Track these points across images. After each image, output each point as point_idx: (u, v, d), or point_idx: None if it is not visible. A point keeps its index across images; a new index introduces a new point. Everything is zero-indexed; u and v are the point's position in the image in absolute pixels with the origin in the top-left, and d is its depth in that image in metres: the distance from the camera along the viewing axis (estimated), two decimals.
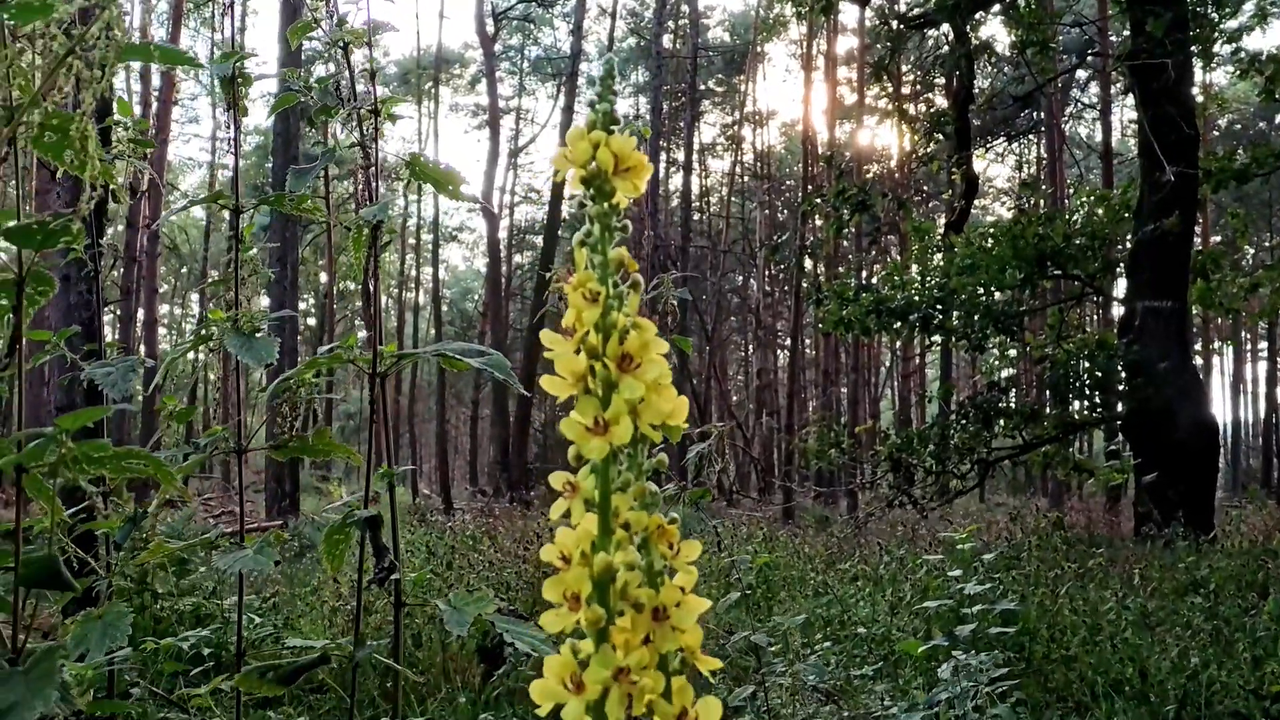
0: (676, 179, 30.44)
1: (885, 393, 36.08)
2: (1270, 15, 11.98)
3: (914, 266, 13.54)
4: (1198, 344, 26.06)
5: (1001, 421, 11.59)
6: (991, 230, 12.94)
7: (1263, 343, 38.10)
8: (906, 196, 18.72)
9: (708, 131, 36.24)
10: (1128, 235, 11.70)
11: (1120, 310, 12.16)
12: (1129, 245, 11.57)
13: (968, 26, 12.84)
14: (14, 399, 1.24)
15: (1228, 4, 11.34)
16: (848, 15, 26.20)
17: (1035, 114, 25.30)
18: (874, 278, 21.62)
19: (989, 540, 7.89)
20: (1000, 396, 12.11)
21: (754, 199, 34.59)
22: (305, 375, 1.81)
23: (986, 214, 33.02)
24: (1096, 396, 11.34)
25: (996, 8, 12.99)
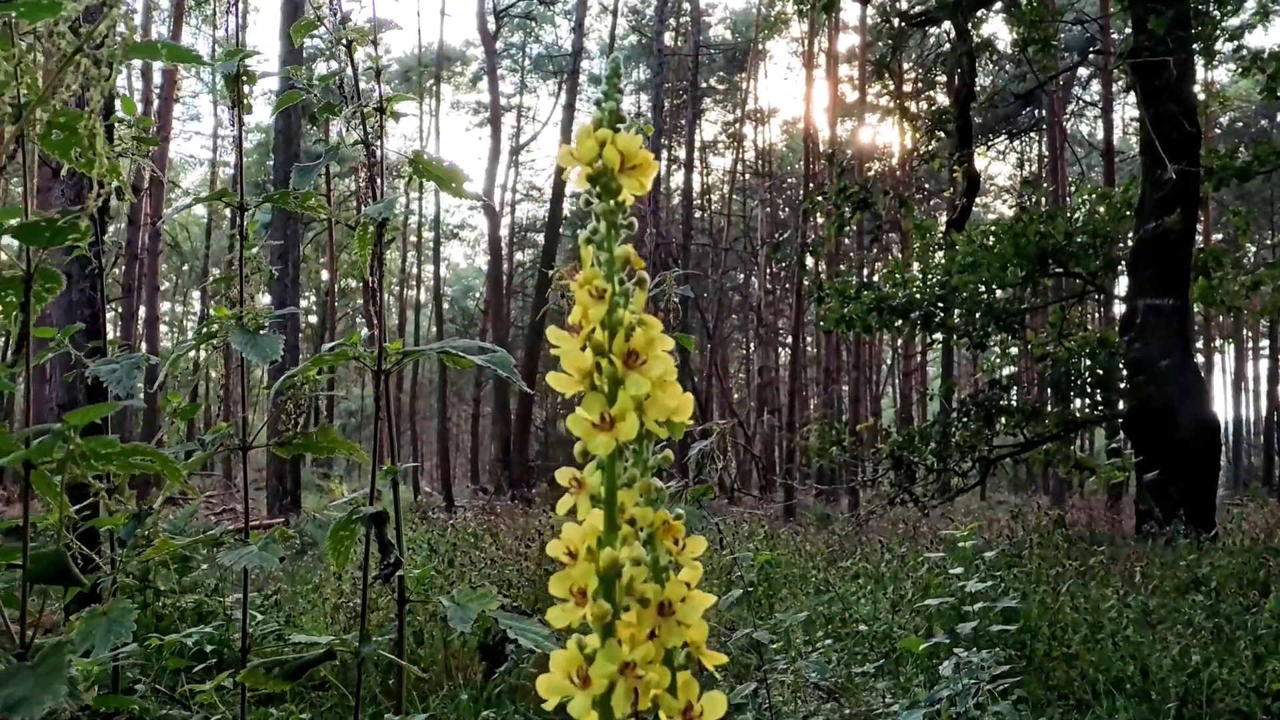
0: (678, 177, 30.42)
1: (887, 390, 36.05)
2: (1272, 13, 11.95)
3: (915, 264, 13.53)
4: (1199, 342, 26.07)
5: (1003, 419, 11.59)
6: (993, 228, 12.94)
7: (1264, 340, 38.09)
8: (908, 194, 18.73)
9: (709, 129, 36.24)
10: (1129, 233, 11.68)
11: (1122, 308, 12.15)
12: (1130, 243, 11.56)
13: (969, 24, 12.84)
14: (22, 395, 1.25)
15: (1229, 2, 11.31)
16: (849, 13, 26.19)
17: (1037, 112, 25.26)
18: (875, 275, 21.61)
19: (990, 538, 7.90)
20: (1002, 394, 12.11)
21: (755, 197, 34.59)
22: (310, 372, 1.81)
23: (988, 212, 32.97)
24: (1098, 394, 11.33)
25: (998, 5, 12.98)
